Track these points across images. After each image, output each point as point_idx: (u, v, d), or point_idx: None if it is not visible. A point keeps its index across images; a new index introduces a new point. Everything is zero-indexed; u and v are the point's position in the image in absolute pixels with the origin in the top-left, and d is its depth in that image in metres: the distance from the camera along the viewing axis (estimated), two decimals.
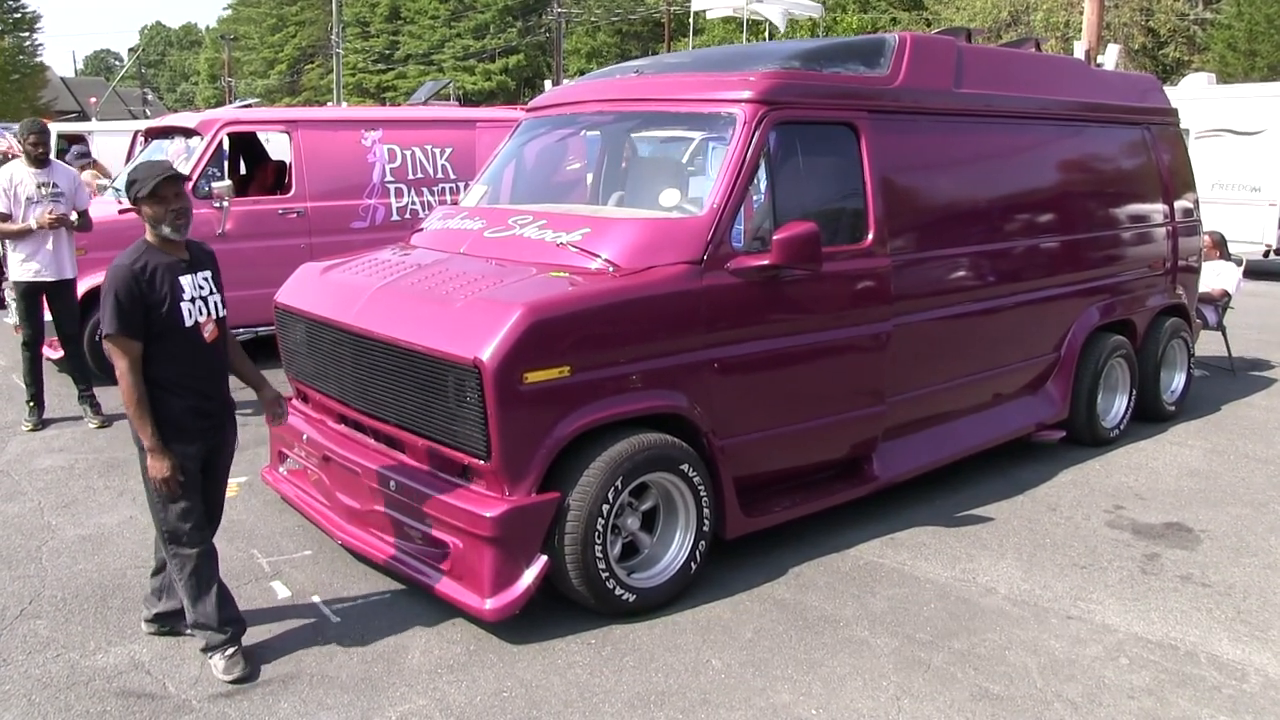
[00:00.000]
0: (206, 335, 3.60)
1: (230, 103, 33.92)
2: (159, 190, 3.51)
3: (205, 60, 68.56)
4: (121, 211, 7.46)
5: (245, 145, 9.81)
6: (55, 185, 6.68)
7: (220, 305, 3.69)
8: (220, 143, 8.41)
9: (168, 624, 3.91)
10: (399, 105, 32.52)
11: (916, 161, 5.22)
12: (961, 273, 5.43)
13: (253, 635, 3.83)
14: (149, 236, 3.58)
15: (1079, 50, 15.07)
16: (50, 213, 6.55)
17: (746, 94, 4.54)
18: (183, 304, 3.53)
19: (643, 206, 4.82)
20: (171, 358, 3.52)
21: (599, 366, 3.93)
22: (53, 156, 6.84)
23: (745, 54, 5.11)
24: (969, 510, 5.32)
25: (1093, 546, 4.88)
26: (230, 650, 3.64)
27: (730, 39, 34.41)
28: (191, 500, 3.60)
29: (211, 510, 3.81)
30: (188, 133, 8.64)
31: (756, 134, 4.45)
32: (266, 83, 60.91)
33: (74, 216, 6.70)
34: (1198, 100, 14.68)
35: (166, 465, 3.49)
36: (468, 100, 44.42)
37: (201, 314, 3.59)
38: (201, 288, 3.62)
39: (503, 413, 3.70)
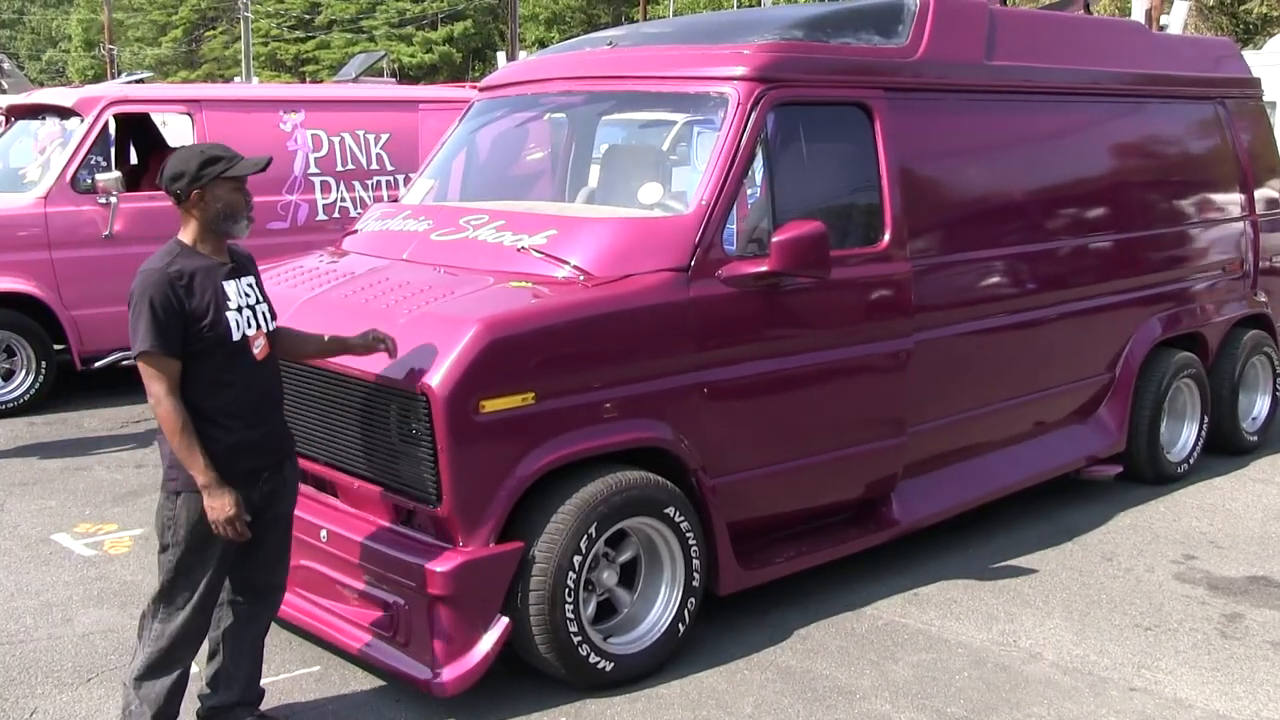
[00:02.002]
0: (256, 351, 3.58)
1: (113, 76, 33.86)
2: (244, 179, 3.54)
3: (79, 22, 68.23)
4: None
5: (136, 129, 9.83)
6: None
7: (270, 317, 3.67)
8: (105, 126, 8.48)
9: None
10: (324, 82, 32.63)
11: (942, 148, 5.40)
12: (995, 279, 5.61)
13: None
14: (186, 237, 3.54)
15: (1138, 10, 15.30)
16: None
17: (740, 70, 4.70)
18: (229, 313, 3.49)
19: (618, 204, 5.00)
20: (213, 380, 3.48)
21: (568, 393, 4.07)
22: None
23: (738, 22, 5.27)
24: (1008, 560, 5.43)
25: (1159, 604, 4.98)
26: None
27: (718, 4, 34.67)
28: (218, 560, 3.53)
29: (250, 577, 3.73)
30: (63, 112, 8.65)
31: (752, 117, 4.61)
32: (158, 52, 60.78)
33: None
34: None
35: (229, 501, 3.39)
36: (406, 76, 44.50)
37: (250, 326, 3.56)
38: (248, 295, 3.60)
39: (455, 449, 3.81)
